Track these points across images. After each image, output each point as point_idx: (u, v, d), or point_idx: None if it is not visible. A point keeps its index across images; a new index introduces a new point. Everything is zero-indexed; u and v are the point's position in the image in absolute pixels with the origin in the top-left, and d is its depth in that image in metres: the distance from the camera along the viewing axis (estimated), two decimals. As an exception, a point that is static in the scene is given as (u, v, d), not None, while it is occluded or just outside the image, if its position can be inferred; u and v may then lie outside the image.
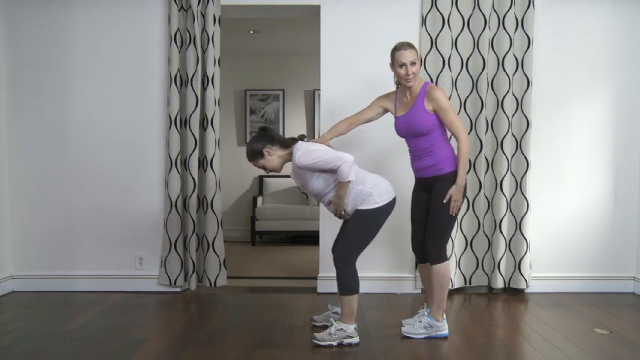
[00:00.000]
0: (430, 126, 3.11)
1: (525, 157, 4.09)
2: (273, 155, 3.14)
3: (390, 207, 3.11)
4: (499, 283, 4.16)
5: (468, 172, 4.05)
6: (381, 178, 3.16)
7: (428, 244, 3.18)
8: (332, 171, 3.01)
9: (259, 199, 7.03)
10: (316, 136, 7.06)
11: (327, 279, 4.14)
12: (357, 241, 3.08)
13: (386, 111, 3.36)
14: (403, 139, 3.32)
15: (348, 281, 3.06)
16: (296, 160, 3.04)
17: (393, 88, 3.43)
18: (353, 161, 2.98)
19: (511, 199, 4.15)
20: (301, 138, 3.20)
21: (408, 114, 3.17)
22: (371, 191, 3.05)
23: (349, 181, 2.98)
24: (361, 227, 3.07)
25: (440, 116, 3.11)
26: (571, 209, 4.24)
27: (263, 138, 3.15)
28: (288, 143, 3.17)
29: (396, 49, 3.13)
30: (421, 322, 3.22)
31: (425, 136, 3.13)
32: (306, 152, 3.01)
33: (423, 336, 3.19)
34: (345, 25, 4.16)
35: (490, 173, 4.16)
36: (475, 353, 2.98)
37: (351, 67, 4.16)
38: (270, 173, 7.16)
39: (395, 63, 3.12)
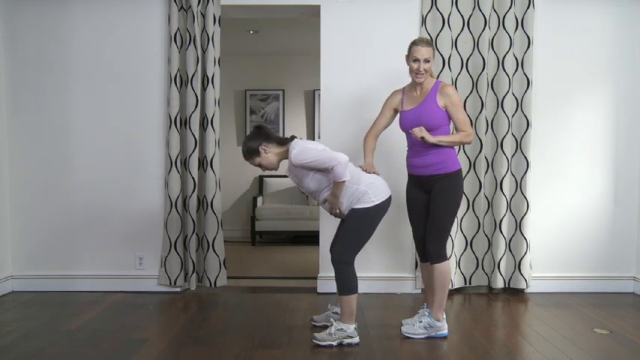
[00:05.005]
0: (440, 122, 3.13)
1: (525, 157, 4.09)
2: (269, 153, 3.14)
3: (385, 205, 3.11)
4: (499, 283, 4.16)
5: (467, 173, 4.07)
6: (376, 176, 3.16)
7: (429, 243, 3.17)
8: (327, 171, 3.01)
9: (259, 199, 7.03)
10: (315, 137, 7.09)
11: (327, 279, 4.13)
12: (354, 241, 3.08)
13: (397, 112, 3.36)
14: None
15: (346, 281, 3.07)
16: (292, 158, 3.03)
17: (393, 87, 3.44)
18: (347, 161, 2.98)
19: (511, 199, 4.15)
20: (292, 138, 3.19)
21: (417, 108, 3.18)
22: (366, 189, 3.05)
23: (344, 181, 2.98)
24: (357, 227, 3.07)
25: (450, 112, 3.13)
26: (571, 209, 4.24)
27: (259, 136, 3.15)
28: (284, 141, 3.17)
29: (414, 44, 3.16)
30: (421, 322, 3.21)
31: (432, 132, 3.12)
32: (302, 150, 3.01)
33: (422, 336, 3.19)
34: (345, 25, 4.16)
35: (490, 173, 4.16)
36: (475, 353, 2.98)
37: (352, 67, 4.16)
38: (271, 172, 7.24)
39: (409, 56, 3.15)
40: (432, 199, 3.18)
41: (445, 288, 3.19)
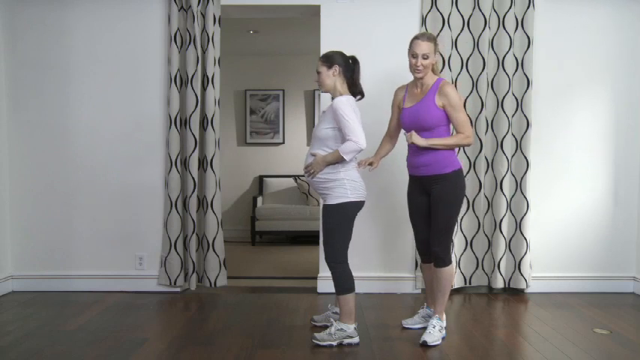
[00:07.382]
0: (437, 121, 3.08)
1: (525, 157, 4.09)
2: (334, 77, 3.15)
3: (357, 207, 3.11)
4: (499, 283, 4.16)
5: (467, 173, 4.06)
6: (360, 178, 3.15)
7: (435, 247, 3.14)
8: (342, 137, 3.03)
9: (259, 199, 7.03)
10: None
11: (327, 279, 4.10)
12: (337, 240, 3.09)
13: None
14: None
15: (342, 280, 3.08)
16: (334, 100, 3.08)
17: (392, 87, 3.44)
18: (360, 150, 2.99)
19: (511, 199, 4.15)
20: (360, 94, 3.25)
21: (416, 106, 3.14)
22: (346, 183, 3.06)
23: (343, 158, 3.00)
24: (333, 224, 3.08)
25: (448, 112, 3.08)
26: (571, 209, 4.24)
27: (346, 62, 3.17)
28: (349, 88, 3.18)
29: (415, 38, 3.13)
30: (435, 327, 3.14)
31: (429, 131, 3.08)
32: (345, 103, 3.03)
33: (441, 340, 3.12)
34: (345, 25, 4.16)
35: (490, 173, 4.16)
36: (475, 353, 2.98)
37: (351, 67, 4.15)
38: (271, 172, 7.26)
39: (409, 51, 3.13)
40: (432, 202, 3.14)
41: (447, 291, 3.19)
